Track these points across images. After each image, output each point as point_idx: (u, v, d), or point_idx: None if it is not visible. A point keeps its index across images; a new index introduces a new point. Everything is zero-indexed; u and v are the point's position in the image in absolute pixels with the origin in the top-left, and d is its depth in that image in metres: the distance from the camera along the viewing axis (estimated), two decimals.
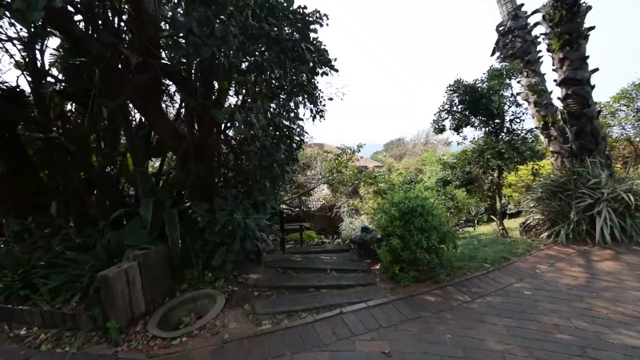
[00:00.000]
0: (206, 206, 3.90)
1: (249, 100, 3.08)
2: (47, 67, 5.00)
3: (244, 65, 3.68)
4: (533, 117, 7.78)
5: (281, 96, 4.08)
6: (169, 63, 3.45)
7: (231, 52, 3.03)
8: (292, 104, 4.64)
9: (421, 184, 12.18)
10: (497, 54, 8.82)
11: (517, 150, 5.94)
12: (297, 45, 3.61)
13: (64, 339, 3.10)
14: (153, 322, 3.31)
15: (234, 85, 4.44)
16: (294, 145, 5.08)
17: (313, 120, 6.09)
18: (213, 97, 4.13)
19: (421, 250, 4.04)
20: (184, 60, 2.95)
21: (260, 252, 4.55)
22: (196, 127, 4.43)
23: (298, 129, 5.13)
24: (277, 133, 4.49)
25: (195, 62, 3.41)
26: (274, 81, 3.78)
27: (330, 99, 6.75)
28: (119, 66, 3.94)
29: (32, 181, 4.97)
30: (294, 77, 4.15)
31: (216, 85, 4.39)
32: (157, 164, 6.17)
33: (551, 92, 8.06)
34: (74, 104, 5.45)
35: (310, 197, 17.53)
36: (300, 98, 4.89)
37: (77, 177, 4.94)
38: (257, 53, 3.17)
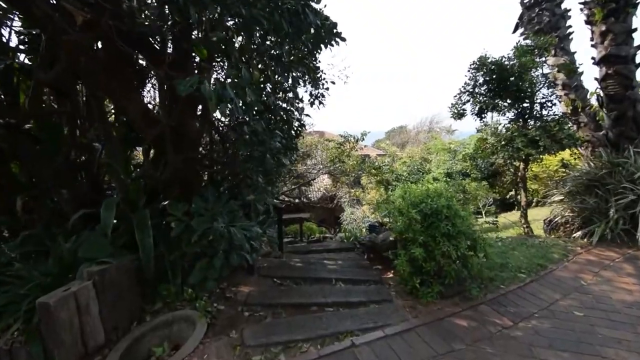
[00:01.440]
0: (184, 207, 3.13)
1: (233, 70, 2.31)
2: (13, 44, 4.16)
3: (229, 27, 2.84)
4: (560, 101, 6.94)
5: (277, 70, 3.26)
6: (126, 23, 2.62)
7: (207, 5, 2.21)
8: (290, 81, 3.82)
9: (429, 174, 11.39)
10: (521, 30, 7.89)
11: (553, 137, 5.12)
12: (297, 3, 2.78)
13: None
14: (114, 357, 2.60)
15: (219, 58, 3.61)
16: (293, 131, 4.29)
17: (311, 105, 5.33)
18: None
19: (449, 262, 3.30)
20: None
21: (256, 251, 3.80)
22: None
23: (297, 113, 4.31)
24: (272, 117, 3.68)
25: (160, 21, 2.59)
26: (267, 49, 2.96)
27: (333, 82, 5.96)
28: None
29: None
30: (292, 46, 3.32)
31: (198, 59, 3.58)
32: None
33: (581, 73, 7.20)
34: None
35: (310, 187, 16.77)
36: (300, 74, 4.07)
37: (45, 168, 4.17)
38: (242, 8, 2.34)
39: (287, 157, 3.92)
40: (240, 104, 2.18)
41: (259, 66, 3.13)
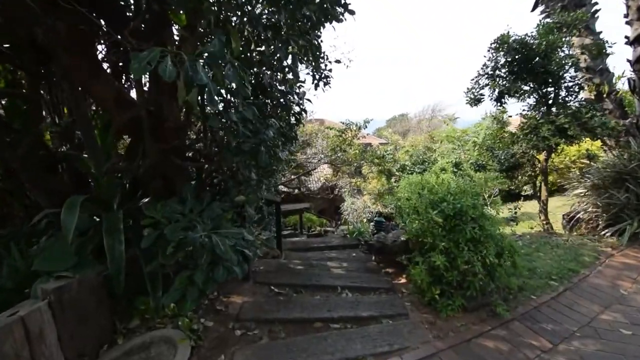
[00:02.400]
0: (164, 207, 2.62)
1: (207, 42, 1.77)
2: None
3: None
4: (583, 86, 6.36)
5: (273, 43, 2.70)
6: None
7: None
8: (289, 59, 3.26)
9: (436, 165, 10.86)
10: (541, 7, 7.23)
11: (583, 125, 4.58)
12: None
13: None
14: None
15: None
16: (293, 118, 3.74)
17: (316, 88, 4.77)
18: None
19: (473, 271, 2.81)
20: None
21: (248, 260, 3.31)
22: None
23: (298, 97, 3.75)
24: (268, 101, 3.13)
25: None
26: (259, 16, 2.39)
27: (338, 61, 5.38)
28: None
29: None
30: (291, 16, 2.74)
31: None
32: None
33: (607, 55, 6.59)
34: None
35: (310, 177, 16.26)
36: (302, 52, 3.50)
37: (15, 159, 3.63)
38: None
39: (285, 148, 3.39)
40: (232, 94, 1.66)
41: (248, 36, 2.57)
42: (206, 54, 1.67)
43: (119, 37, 2.27)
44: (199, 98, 2.08)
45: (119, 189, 3.12)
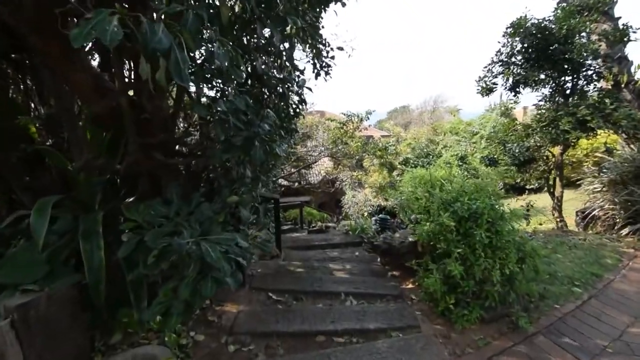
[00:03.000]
0: (146, 210, 2.31)
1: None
2: None
3: None
4: (605, 75, 5.98)
5: (266, 21, 2.36)
6: None
7: None
8: (287, 44, 2.92)
9: (441, 159, 10.53)
10: None
11: (607, 117, 4.24)
12: None
13: None
14: None
15: None
16: (292, 110, 3.42)
17: (316, 78, 4.45)
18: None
19: (492, 281, 2.53)
20: None
21: (242, 268, 3.03)
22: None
23: (297, 86, 3.41)
24: (265, 90, 2.80)
25: None
26: None
27: (340, 48, 5.02)
28: None
29: None
30: None
31: None
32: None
33: (627, 42, 6.19)
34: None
35: (310, 170, 15.95)
36: (300, 37, 3.17)
37: None
38: None
39: (284, 142, 3.07)
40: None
41: (239, 12, 2.23)
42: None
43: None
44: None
45: (100, 188, 2.82)
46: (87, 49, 2.98)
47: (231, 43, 1.75)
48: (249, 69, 2.75)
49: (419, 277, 2.98)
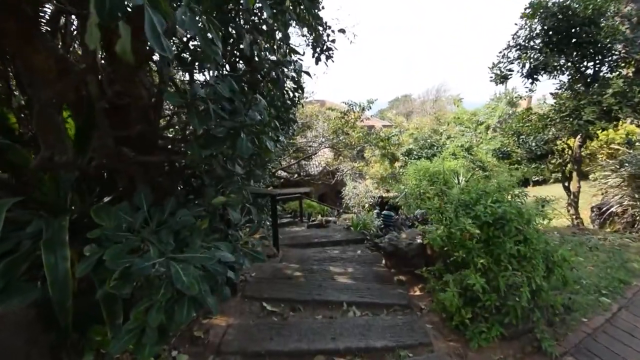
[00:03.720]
0: (117, 215, 1.96)
1: None
2: None
3: None
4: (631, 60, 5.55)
5: None
6: None
7: None
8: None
9: (446, 150, 10.14)
10: None
11: (635, 107, 3.86)
12: None
13: None
14: None
15: None
16: (287, 97, 3.04)
17: (317, 63, 4.07)
18: None
19: (517, 295, 2.21)
20: None
21: (230, 283, 2.69)
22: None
23: (294, 72, 3.02)
24: (254, 73, 2.42)
25: None
26: None
27: (342, 30, 4.62)
28: None
29: None
30: None
31: None
32: None
33: None
34: None
35: (310, 162, 15.57)
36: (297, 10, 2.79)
37: None
38: None
39: (279, 134, 2.70)
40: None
41: None
42: None
43: None
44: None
45: (69, 188, 2.47)
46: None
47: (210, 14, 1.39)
48: (235, 50, 2.38)
49: (430, 285, 2.66)
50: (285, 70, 2.76)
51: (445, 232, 2.52)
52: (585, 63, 4.42)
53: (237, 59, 2.34)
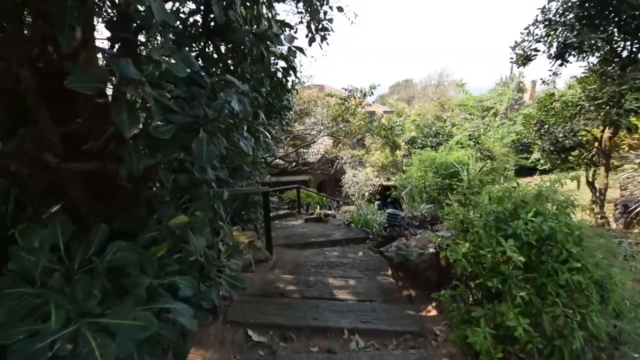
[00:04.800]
0: (17, 256, 1.42)
1: None
2: None
3: None
4: None
5: None
6: None
7: None
8: None
9: (453, 139, 9.57)
10: None
11: None
12: None
13: None
14: None
15: None
16: (277, 81, 2.48)
17: (310, 44, 3.60)
18: None
19: (566, 338, 1.74)
20: None
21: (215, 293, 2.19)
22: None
23: (286, 49, 2.45)
24: (224, 44, 1.86)
25: None
26: None
27: (340, 8, 4.11)
28: None
29: None
30: None
31: None
32: None
33: None
34: None
35: (309, 150, 14.99)
36: None
37: None
38: None
39: (267, 127, 2.17)
40: None
41: None
42: None
43: None
44: None
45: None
46: None
47: None
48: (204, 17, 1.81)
49: (452, 314, 2.19)
50: (273, 47, 2.18)
51: (472, 250, 2.03)
52: (621, 43, 3.84)
53: (207, 30, 1.77)
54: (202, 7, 1.76)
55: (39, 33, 1.48)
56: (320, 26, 3.69)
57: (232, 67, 1.99)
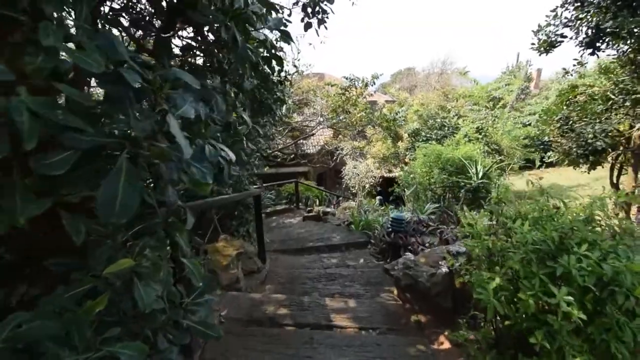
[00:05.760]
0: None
1: None
2: None
3: None
4: None
5: None
6: None
7: None
8: None
9: (460, 133, 9.07)
10: None
11: None
12: None
13: None
14: None
15: None
16: (263, 72, 2.03)
17: (306, 29, 3.19)
18: None
19: None
20: None
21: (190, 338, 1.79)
22: None
23: (277, 35, 1.98)
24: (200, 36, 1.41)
25: None
26: None
27: None
28: None
29: None
30: None
31: None
32: None
33: None
34: None
35: (308, 141, 14.48)
36: None
37: None
38: None
39: (239, 136, 1.73)
40: None
41: None
42: None
43: None
44: None
45: None
46: None
47: None
48: None
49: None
50: (254, 31, 1.72)
51: (504, 287, 1.61)
52: None
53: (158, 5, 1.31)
54: None
55: None
56: (317, 9, 3.22)
57: (204, 58, 1.53)
